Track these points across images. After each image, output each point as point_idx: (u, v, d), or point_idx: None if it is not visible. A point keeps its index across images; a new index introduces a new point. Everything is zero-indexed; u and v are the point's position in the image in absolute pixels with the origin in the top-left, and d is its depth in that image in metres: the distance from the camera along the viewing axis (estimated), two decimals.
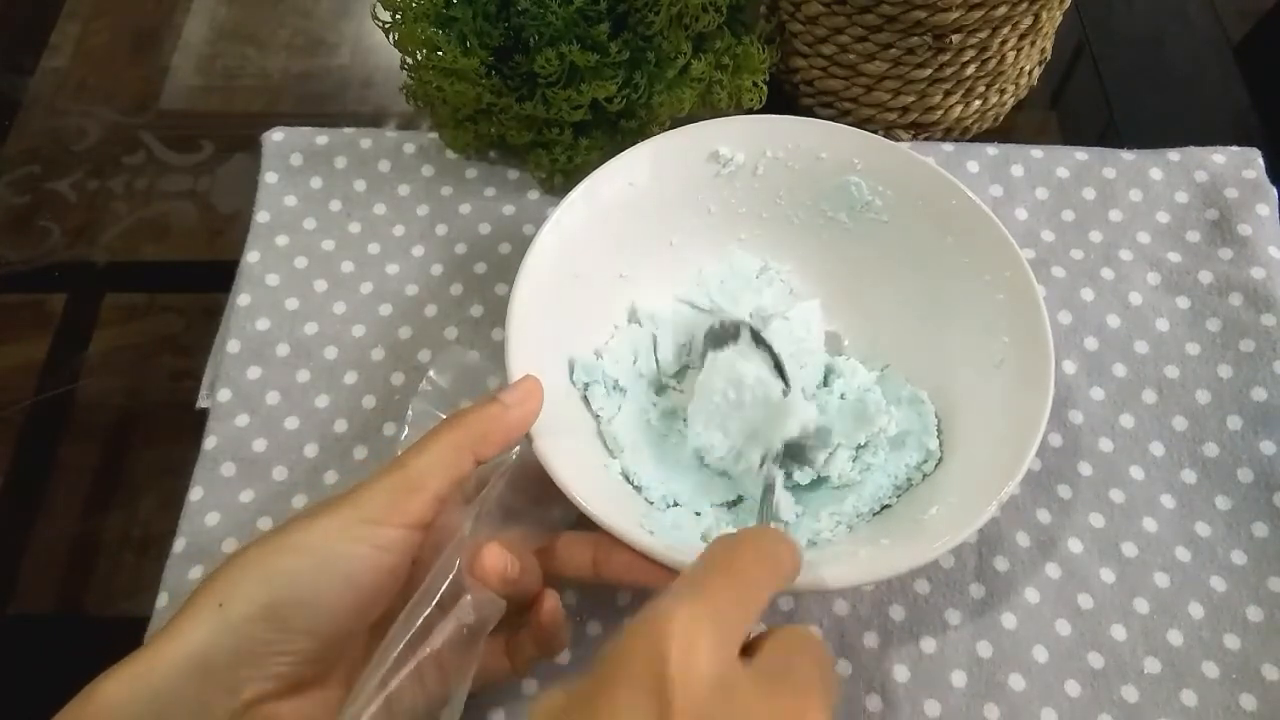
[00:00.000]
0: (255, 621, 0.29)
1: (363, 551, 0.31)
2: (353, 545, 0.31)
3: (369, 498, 0.32)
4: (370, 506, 0.32)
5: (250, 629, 0.29)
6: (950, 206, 0.44)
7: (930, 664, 0.41)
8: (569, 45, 0.46)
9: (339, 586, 0.31)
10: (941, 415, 0.43)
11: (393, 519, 0.32)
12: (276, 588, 0.30)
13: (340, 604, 0.31)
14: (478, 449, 0.34)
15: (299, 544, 0.31)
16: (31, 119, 0.59)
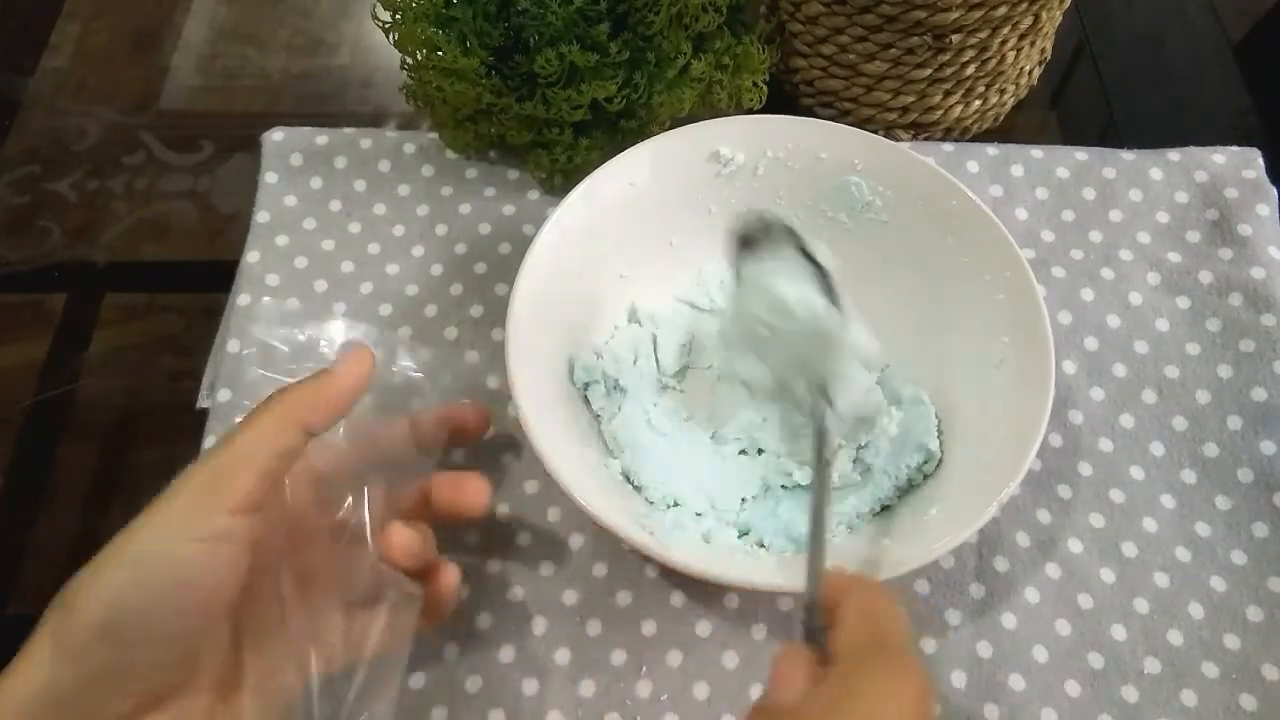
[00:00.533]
0: (93, 646, 0.28)
1: (191, 550, 0.29)
2: (179, 545, 0.29)
3: (189, 488, 0.30)
4: (191, 498, 0.30)
5: (90, 655, 0.28)
6: (951, 207, 0.44)
7: (931, 664, 0.41)
8: (569, 45, 0.46)
9: (173, 591, 0.29)
10: (942, 416, 0.43)
11: (218, 505, 0.29)
12: (108, 607, 0.28)
13: (180, 607, 0.29)
14: (306, 420, 0.32)
15: (124, 556, 0.29)
16: (31, 119, 0.59)
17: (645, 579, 0.43)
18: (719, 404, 0.45)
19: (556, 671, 0.41)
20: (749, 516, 0.42)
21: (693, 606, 0.42)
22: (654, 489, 0.41)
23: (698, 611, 0.42)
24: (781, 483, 0.43)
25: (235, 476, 0.30)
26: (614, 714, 0.40)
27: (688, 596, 0.42)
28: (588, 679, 0.40)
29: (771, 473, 0.43)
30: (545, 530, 0.44)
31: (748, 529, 0.41)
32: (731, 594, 0.42)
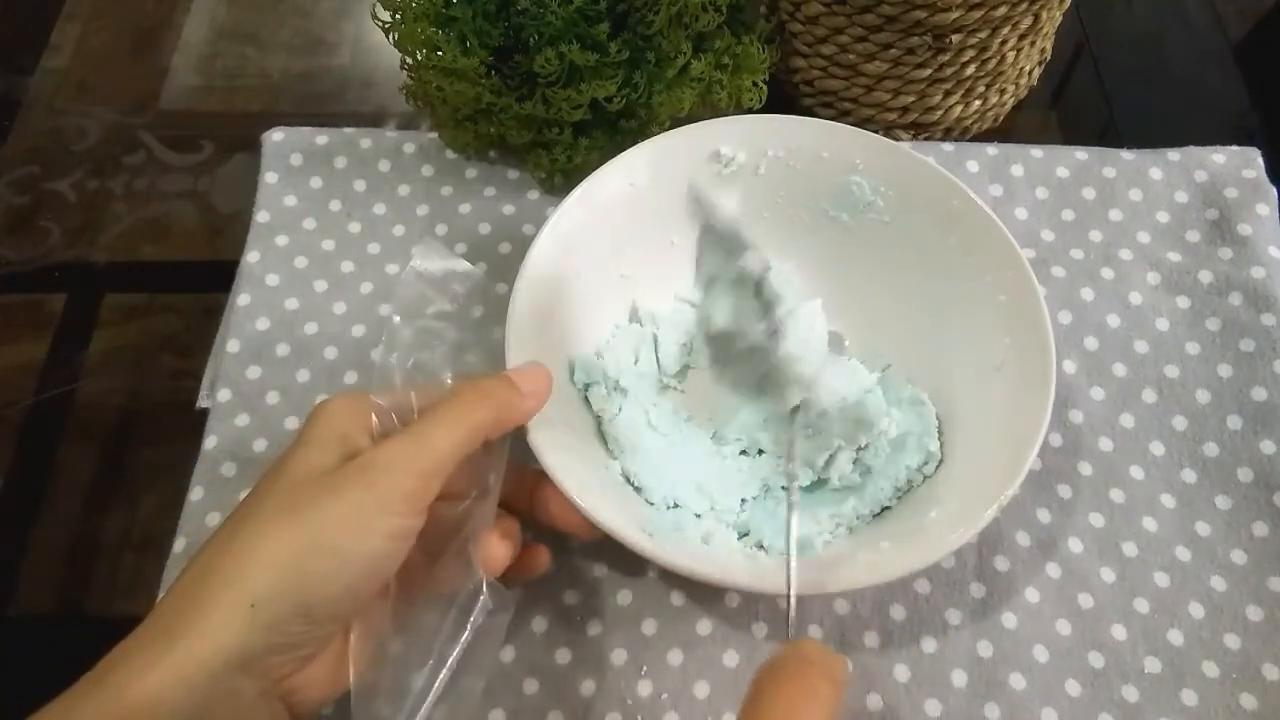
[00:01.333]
0: (290, 620, 0.30)
1: (384, 546, 0.31)
2: (375, 542, 0.31)
3: (390, 486, 0.31)
4: (392, 497, 0.31)
5: (285, 627, 0.30)
6: (952, 207, 0.44)
7: (931, 664, 0.41)
8: (569, 45, 0.46)
9: (364, 578, 0.31)
10: (942, 417, 0.43)
11: (412, 509, 0.32)
12: (309, 590, 0.30)
13: (363, 592, 0.32)
14: (491, 433, 0.34)
15: (327, 544, 0.31)
16: (31, 119, 0.59)
17: (645, 579, 0.43)
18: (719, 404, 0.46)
19: (557, 671, 0.41)
20: (749, 518, 0.42)
21: (693, 606, 0.42)
22: (654, 490, 0.41)
23: (698, 611, 0.42)
24: (782, 484, 0.43)
25: (432, 482, 0.32)
26: (614, 714, 0.40)
27: (688, 596, 0.42)
28: (588, 679, 0.40)
29: (771, 474, 0.43)
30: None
31: (747, 530, 0.41)
32: (732, 593, 0.42)
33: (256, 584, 0.29)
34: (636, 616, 0.42)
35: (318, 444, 0.33)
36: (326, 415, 0.34)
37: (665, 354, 0.46)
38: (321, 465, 0.32)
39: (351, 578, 0.31)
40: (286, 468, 0.32)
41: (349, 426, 0.33)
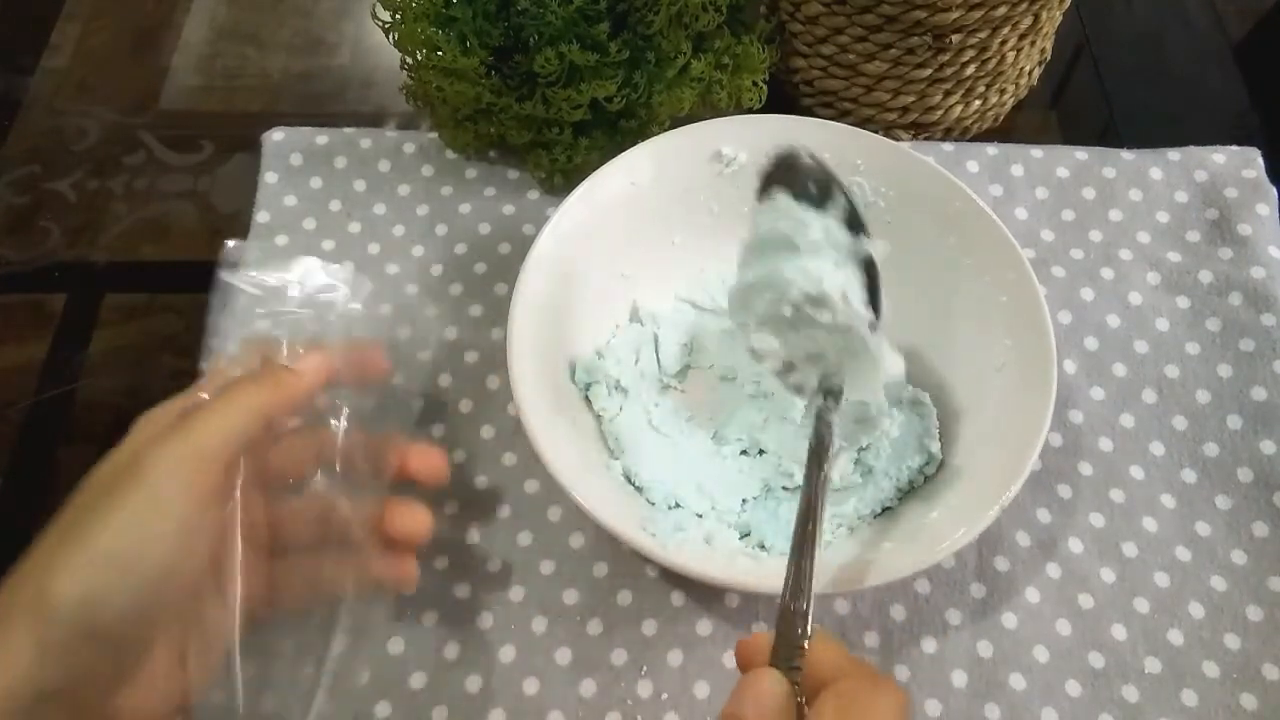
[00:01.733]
0: (80, 647, 0.28)
1: (168, 545, 0.29)
2: (154, 543, 0.29)
3: (161, 481, 0.30)
4: (166, 493, 0.29)
5: (77, 655, 0.28)
6: (953, 208, 0.44)
7: (931, 664, 0.41)
8: (569, 45, 0.46)
9: (154, 587, 0.29)
10: (943, 418, 0.43)
11: (188, 500, 0.30)
12: (91, 608, 0.28)
13: (161, 600, 0.29)
14: (270, 417, 0.33)
15: (98, 554, 0.29)
16: (31, 119, 0.59)
17: (646, 578, 0.43)
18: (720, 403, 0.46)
19: (557, 671, 0.41)
20: (750, 518, 0.42)
21: (693, 606, 0.42)
22: (655, 490, 0.41)
23: (698, 611, 0.42)
24: (783, 484, 0.43)
25: (203, 471, 0.30)
26: (614, 714, 0.40)
27: (688, 596, 0.42)
28: (588, 679, 0.40)
29: (772, 474, 0.43)
30: (545, 530, 0.44)
31: (749, 530, 0.41)
32: (732, 593, 0.42)
33: (43, 610, 0.28)
34: (636, 616, 0.42)
35: (120, 452, 0.32)
36: (137, 426, 0.33)
37: (666, 354, 0.46)
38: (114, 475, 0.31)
39: (138, 588, 0.29)
40: (85, 484, 0.31)
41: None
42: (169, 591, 0.30)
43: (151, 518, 0.29)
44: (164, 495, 0.29)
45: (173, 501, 0.30)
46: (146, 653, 0.30)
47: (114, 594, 0.28)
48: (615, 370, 0.44)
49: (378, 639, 0.41)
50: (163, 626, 0.30)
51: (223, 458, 0.31)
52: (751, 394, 0.45)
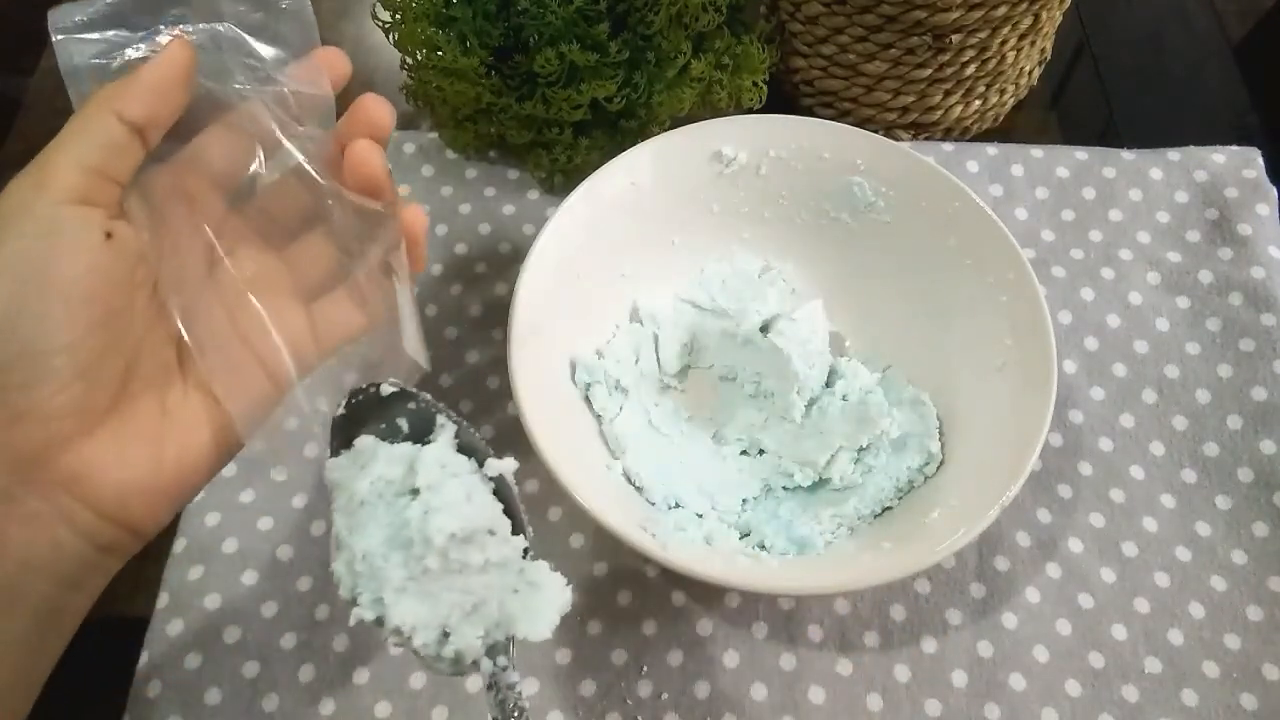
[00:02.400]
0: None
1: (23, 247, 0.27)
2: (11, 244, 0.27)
3: (9, 191, 0.28)
4: (11, 200, 0.27)
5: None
6: (954, 208, 0.44)
7: (931, 664, 0.41)
8: (569, 45, 0.46)
9: (23, 296, 0.26)
10: (943, 417, 0.43)
11: (39, 198, 0.27)
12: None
13: (39, 312, 0.26)
14: (119, 107, 0.28)
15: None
16: (31, 119, 0.59)
17: (645, 579, 0.43)
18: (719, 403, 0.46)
19: (557, 671, 0.41)
20: (750, 518, 0.42)
21: (693, 606, 0.42)
22: (655, 490, 0.41)
23: (698, 611, 0.42)
24: (783, 484, 0.43)
25: (52, 171, 0.28)
26: (614, 714, 0.40)
27: (688, 596, 0.42)
28: (588, 679, 0.41)
29: (772, 474, 0.43)
30: (545, 530, 0.44)
31: (749, 530, 0.41)
32: (732, 593, 0.42)
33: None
34: (636, 616, 0.42)
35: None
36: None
37: (666, 354, 0.46)
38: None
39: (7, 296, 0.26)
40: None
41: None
42: (51, 297, 0.27)
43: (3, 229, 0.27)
44: (17, 201, 0.27)
45: (25, 203, 0.27)
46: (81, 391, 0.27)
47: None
48: (615, 370, 0.44)
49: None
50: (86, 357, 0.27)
51: (72, 155, 0.28)
52: (751, 394, 0.45)
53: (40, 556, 0.27)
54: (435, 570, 0.27)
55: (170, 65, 0.29)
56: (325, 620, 0.42)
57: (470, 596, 0.28)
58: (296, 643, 0.41)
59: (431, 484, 0.28)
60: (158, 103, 0.29)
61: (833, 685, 0.40)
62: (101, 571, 0.29)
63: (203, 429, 0.30)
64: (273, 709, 0.40)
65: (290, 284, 0.33)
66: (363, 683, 0.40)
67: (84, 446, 0.27)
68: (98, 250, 0.27)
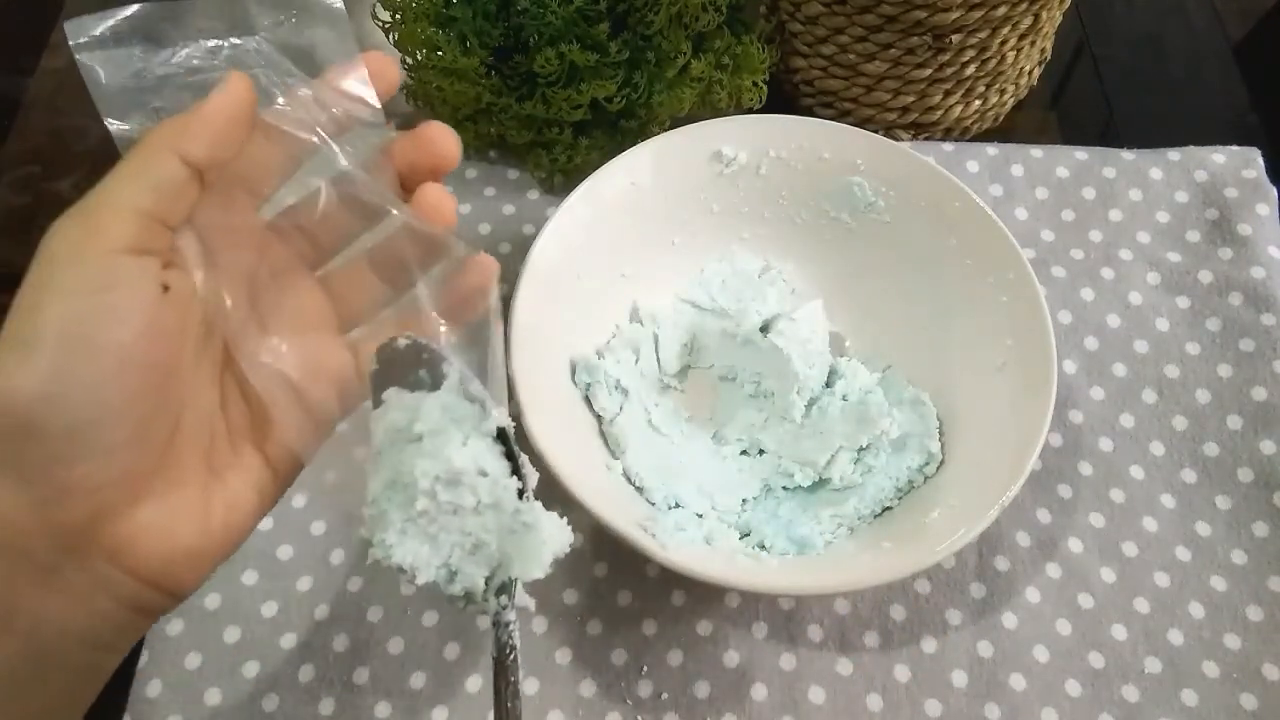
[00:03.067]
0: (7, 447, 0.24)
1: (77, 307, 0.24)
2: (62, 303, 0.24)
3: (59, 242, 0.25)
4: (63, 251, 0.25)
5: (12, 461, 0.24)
6: (954, 208, 0.44)
7: (931, 664, 0.41)
8: (569, 45, 0.46)
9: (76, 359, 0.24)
10: (943, 417, 0.43)
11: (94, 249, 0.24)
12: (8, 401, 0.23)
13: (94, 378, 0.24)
14: (180, 146, 0.26)
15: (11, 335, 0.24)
16: (31, 119, 0.58)
17: (646, 579, 0.43)
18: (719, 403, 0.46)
19: (557, 671, 0.41)
20: (750, 518, 0.42)
21: (693, 606, 0.42)
22: (655, 490, 0.41)
23: (698, 611, 0.42)
24: (783, 484, 0.43)
25: (107, 217, 0.25)
26: (614, 714, 0.40)
27: (688, 596, 0.42)
28: (588, 679, 0.41)
29: (772, 474, 0.43)
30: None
31: (749, 530, 0.41)
32: (732, 593, 0.42)
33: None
34: (636, 616, 0.42)
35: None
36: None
37: (666, 354, 0.46)
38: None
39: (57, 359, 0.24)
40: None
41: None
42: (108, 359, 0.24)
43: (56, 278, 0.24)
44: (69, 253, 0.24)
45: (78, 256, 0.24)
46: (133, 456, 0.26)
47: (29, 376, 0.23)
48: (615, 370, 0.44)
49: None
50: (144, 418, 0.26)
51: (129, 201, 0.25)
52: (751, 394, 0.45)
53: (78, 625, 0.26)
54: (428, 512, 0.28)
55: (234, 102, 0.27)
56: (325, 620, 0.42)
57: (469, 538, 0.28)
58: (296, 643, 0.41)
59: (431, 430, 0.28)
60: (221, 143, 0.27)
61: (833, 685, 0.40)
62: (136, 631, 0.28)
63: (249, 485, 0.29)
64: (273, 709, 0.40)
65: (330, 312, 0.32)
66: (363, 683, 0.40)
67: (130, 516, 0.26)
68: (154, 307, 0.26)
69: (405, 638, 0.41)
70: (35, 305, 0.24)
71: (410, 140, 0.31)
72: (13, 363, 0.24)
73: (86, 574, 0.25)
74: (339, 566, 0.43)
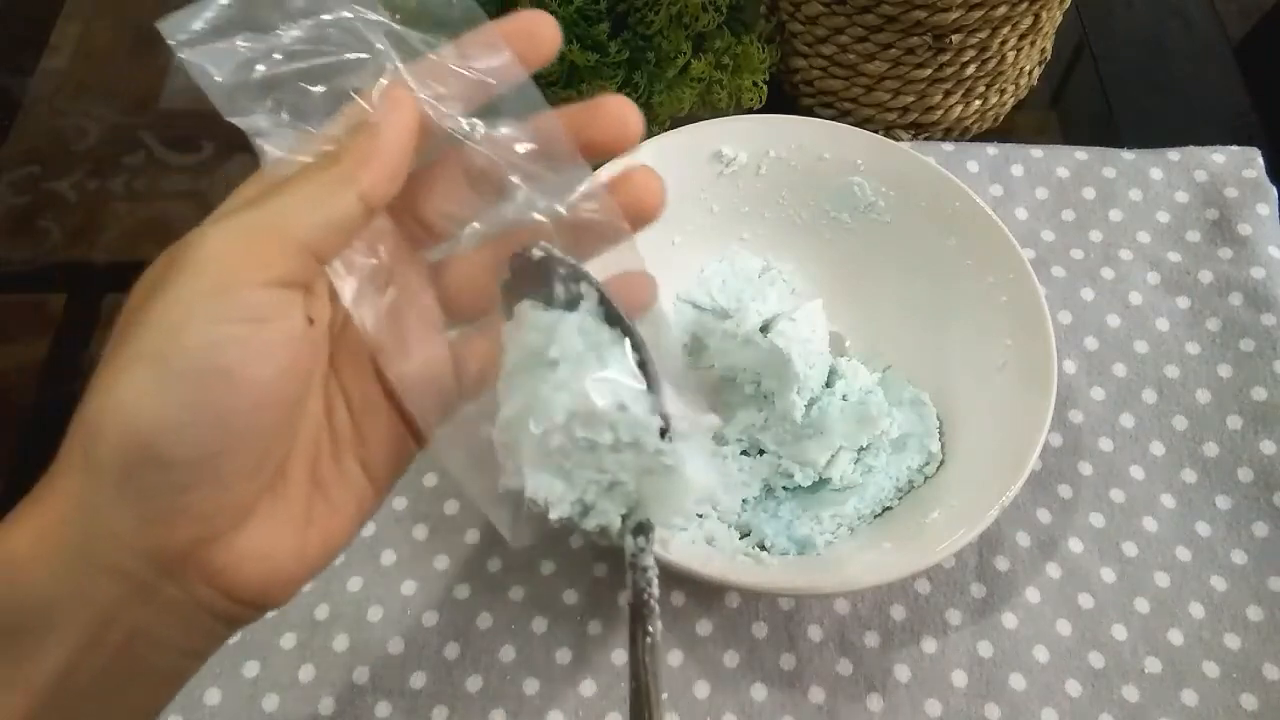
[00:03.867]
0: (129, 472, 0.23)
1: (222, 334, 0.23)
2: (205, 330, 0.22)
3: (210, 261, 0.23)
4: (214, 274, 0.23)
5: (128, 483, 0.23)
6: (954, 208, 0.44)
7: (931, 664, 0.41)
8: (569, 45, 0.46)
9: (211, 390, 0.23)
10: (943, 417, 0.43)
11: (247, 279, 0.23)
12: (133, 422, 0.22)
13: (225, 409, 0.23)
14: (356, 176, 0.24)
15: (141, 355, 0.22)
16: (31, 119, 0.59)
17: None
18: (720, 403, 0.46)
19: (557, 671, 0.41)
20: (750, 518, 0.42)
21: (693, 606, 0.42)
22: None
23: (698, 611, 0.42)
24: (783, 484, 0.43)
25: (271, 246, 0.23)
26: (614, 714, 0.40)
27: (688, 596, 0.42)
28: (588, 679, 0.40)
29: (772, 474, 0.43)
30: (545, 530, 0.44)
31: (749, 530, 0.41)
32: (732, 593, 0.42)
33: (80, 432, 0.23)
34: None
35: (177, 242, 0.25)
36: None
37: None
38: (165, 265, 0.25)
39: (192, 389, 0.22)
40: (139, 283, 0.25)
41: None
42: (244, 391, 0.23)
43: (204, 302, 0.23)
44: (219, 278, 0.23)
45: (228, 283, 0.23)
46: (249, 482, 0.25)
47: (159, 401, 0.22)
48: None
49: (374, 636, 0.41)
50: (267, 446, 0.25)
51: (294, 234, 0.24)
52: (751, 394, 0.45)
53: (171, 636, 0.25)
54: (563, 447, 0.26)
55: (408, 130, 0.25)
56: (325, 620, 0.42)
57: (606, 475, 0.26)
58: (296, 643, 0.41)
59: (566, 355, 0.26)
60: (399, 176, 0.25)
61: (833, 685, 0.40)
62: (223, 640, 0.27)
63: (350, 498, 0.28)
64: (273, 709, 0.40)
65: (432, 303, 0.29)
66: (363, 683, 0.40)
67: (233, 541, 0.25)
68: (297, 343, 0.24)
69: (405, 638, 0.41)
70: (179, 326, 0.22)
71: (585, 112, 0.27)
72: (147, 385, 0.22)
73: (183, 591, 0.24)
74: (339, 567, 0.43)
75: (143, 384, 0.22)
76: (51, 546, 0.23)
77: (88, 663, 0.24)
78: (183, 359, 0.22)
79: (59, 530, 0.23)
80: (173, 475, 0.23)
